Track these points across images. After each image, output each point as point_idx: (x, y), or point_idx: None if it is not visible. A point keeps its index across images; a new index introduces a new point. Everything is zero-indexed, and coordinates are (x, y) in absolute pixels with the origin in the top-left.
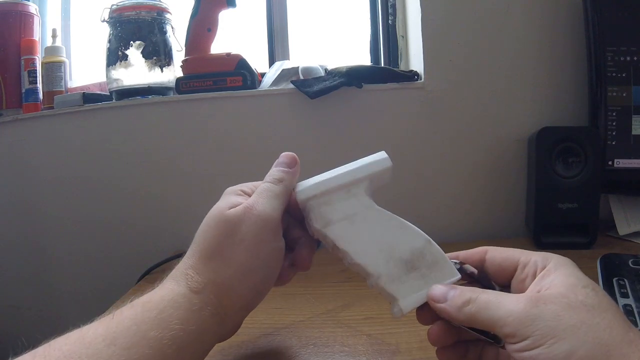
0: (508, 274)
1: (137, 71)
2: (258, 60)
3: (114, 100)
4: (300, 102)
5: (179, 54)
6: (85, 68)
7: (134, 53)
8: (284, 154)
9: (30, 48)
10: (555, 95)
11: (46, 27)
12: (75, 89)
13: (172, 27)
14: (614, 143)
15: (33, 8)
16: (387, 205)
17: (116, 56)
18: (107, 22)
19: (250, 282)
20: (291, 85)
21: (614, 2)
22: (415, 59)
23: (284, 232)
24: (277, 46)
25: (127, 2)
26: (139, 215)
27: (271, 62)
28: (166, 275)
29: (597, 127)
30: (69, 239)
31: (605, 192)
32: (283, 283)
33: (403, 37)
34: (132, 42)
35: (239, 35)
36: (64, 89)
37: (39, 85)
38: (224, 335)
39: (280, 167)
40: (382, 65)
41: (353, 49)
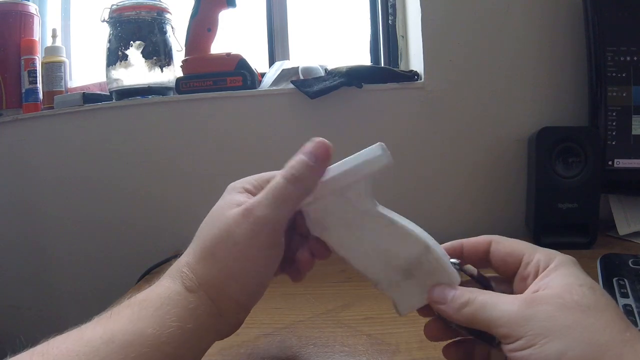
0: (511, 269)
1: (137, 71)
2: (258, 60)
3: (114, 100)
4: (300, 102)
5: (179, 54)
6: (85, 68)
7: (134, 53)
8: (317, 139)
9: (30, 48)
10: (555, 95)
11: (46, 27)
12: (75, 89)
13: (172, 27)
14: (614, 143)
15: (33, 8)
16: (387, 205)
17: (116, 56)
18: (107, 22)
19: (242, 286)
20: (291, 85)
21: (614, 2)
22: (415, 59)
23: (296, 222)
24: (277, 46)
25: (127, 2)
26: (139, 215)
27: (271, 62)
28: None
29: (597, 127)
30: (69, 239)
31: (605, 192)
32: (304, 272)
33: (403, 37)
34: (132, 42)
35: (239, 35)
36: (64, 89)
37: (39, 85)
38: (224, 334)
39: (306, 157)
40: (382, 65)
41: (353, 49)
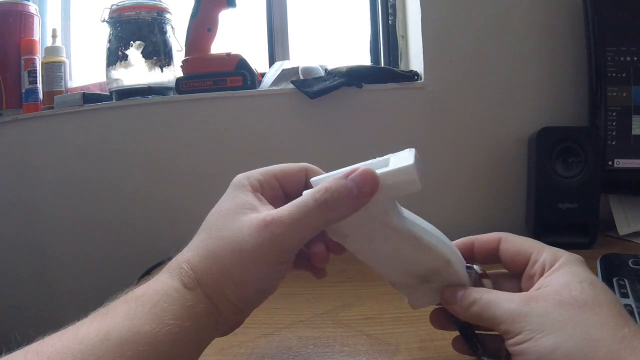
0: (520, 266)
1: (137, 71)
2: (258, 60)
3: (114, 100)
4: (300, 102)
5: (179, 54)
6: (85, 68)
7: (134, 53)
8: (366, 170)
9: (30, 48)
10: (555, 95)
11: (46, 27)
12: (75, 89)
13: (172, 27)
14: (614, 143)
15: (33, 8)
16: None
17: (116, 56)
18: (107, 22)
19: (241, 291)
20: (291, 85)
21: (614, 2)
22: (415, 59)
23: None
24: (277, 46)
25: (127, 2)
26: (139, 215)
27: (271, 62)
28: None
29: (597, 127)
30: (69, 239)
31: (605, 192)
32: (319, 266)
33: (403, 37)
34: (132, 42)
35: (239, 35)
36: (64, 89)
37: (39, 85)
38: (223, 332)
39: (349, 186)
40: (382, 65)
41: (353, 49)
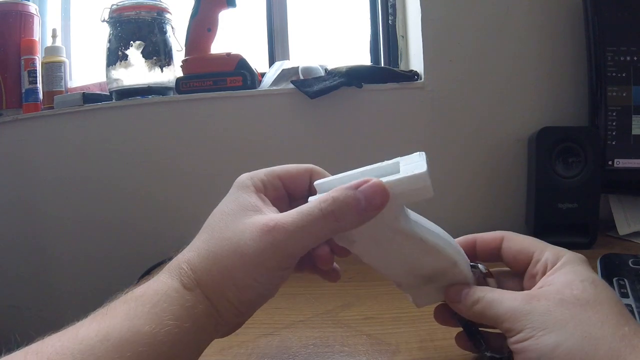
0: (522, 265)
1: (137, 71)
2: (258, 60)
3: (114, 100)
4: (300, 102)
5: (179, 54)
6: (85, 68)
7: (134, 53)
8: (376, 182)
9: (30, 48)
10: (555, 95)
11: (46, 27)
12: (75, 89)
13: (172, 27)
14: (614, 143)
15: (33, 8)
16: None
17: (116, 56)
18: (107, 22)
19: (241, 294)
20: (291, 85)
21: (614, 2)
22: (415, 59)
23: None
24: (277, 46)
25: (127, 2)
26: (139, 216)
27: (271, 62)
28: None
29: (597, 127)
30: (69, 239)
31: (605, 192)
32: (323, 268)
33: (403, 37)
34: (132, 42)
35: (239, 35)
36: (64, 89)
37: (39, 85)
38: (223, 333)
39: (357, 198)
40: (382, 65)
41: (353, 49)
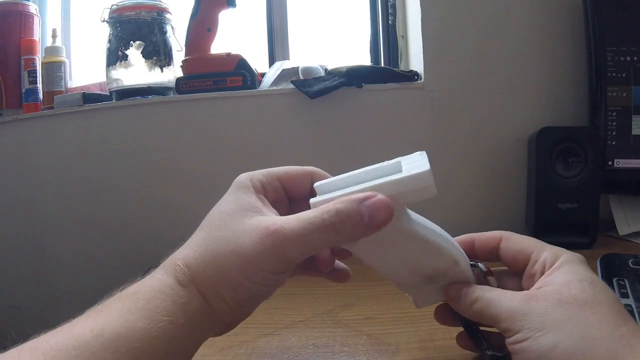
0: (521, 265)
1: (137, 71)
2: (258, 60)
3: (114, 100)
4: (300, 102)
5: (179, 54)
6: (85, 68)
7: (134, 53)
8: (381, 198)
9: (30, 48)
10: (555, 95)
11: (46, 27)
12: (75, 89)
13: (172, 27)
14: (614, 143)
15: (33, 8)
16: None
17: (116, 56)
18: (107, 22)
19: (237, 293)
20: (291, 85)
21: (614, 2)
22: (415, 59)
23: None
24: (277, 46)
25: (127, 2)
26: (139, 216)
27: (271, 62)
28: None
29: (597, 127)
30: (69, 239)
31: (605, 192)
32: (326, 269)
33: (403, 37)
34: (132, 42)
35: (239, 35)
36: (64, 89)
37: (39, 85)
38: (219, 331)
39: (360, 212)
40: (382, 65)
41: (353, 49)
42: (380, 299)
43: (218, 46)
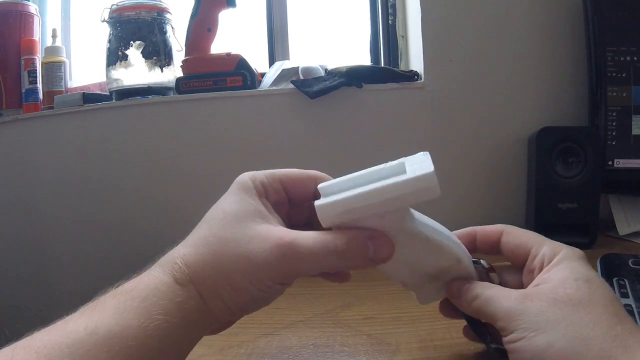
0: (521, 260)
1: (137, 71)
2: (258, 60)
3: (114, 100)
4: (300, 102)
5: (179, 54)
6: (85, 68)
7: (134, 53)
8: (386, 242)
9: (30, 48)
10: (555, 95)
11: (46, 27)
12: (75, 89)
13: (172, 27)
14: (614, 143)
15: (33, 8)
16: None
17: (116, 56)
18: (107, 22)
19: (237, 296)
20: (291, 85)
21: (614, 2)
22: (415, 59)
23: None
24: (277, 46)
25: (127, 2)
26: (139, 216)
27: (271, 62)
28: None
29: (597, 127)
30: (69, 239)
31: (605, 192)
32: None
33: (403, 37)
34: (132, 42)
35: (239, 35)
36: (64, 89)
37: (39, 85)
38: (214, 330)
39: (367, 246)
40: (382, 65)
41: (353, 49)
42: (380, 299)
43: (218, 46)
